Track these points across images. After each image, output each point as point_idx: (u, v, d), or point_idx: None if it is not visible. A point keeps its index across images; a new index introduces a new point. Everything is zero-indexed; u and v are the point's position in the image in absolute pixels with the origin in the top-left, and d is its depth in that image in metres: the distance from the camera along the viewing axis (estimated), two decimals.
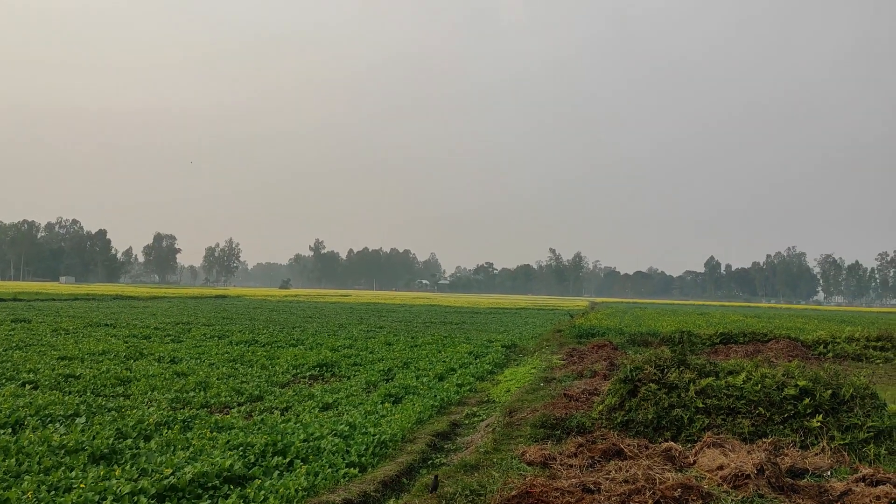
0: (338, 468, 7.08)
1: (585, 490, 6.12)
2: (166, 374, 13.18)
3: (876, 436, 7.99)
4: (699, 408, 8.92)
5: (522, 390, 12.73)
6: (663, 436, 8.62)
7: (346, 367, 15.53)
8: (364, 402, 11.17)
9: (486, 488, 6.29)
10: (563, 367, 15.72)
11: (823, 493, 6.26)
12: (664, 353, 10.44)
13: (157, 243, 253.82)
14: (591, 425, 9.06)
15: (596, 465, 7.35)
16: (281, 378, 13.59)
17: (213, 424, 8.82)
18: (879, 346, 21.11)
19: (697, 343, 22.53)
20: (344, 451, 7.76)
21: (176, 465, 6.62)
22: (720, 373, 9.69)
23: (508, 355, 20.44)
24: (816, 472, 7.25)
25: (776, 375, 9.26)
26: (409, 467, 7.56)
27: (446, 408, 11.56)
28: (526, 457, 7.62)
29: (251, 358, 16.37)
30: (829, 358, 19.87)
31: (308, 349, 18.96)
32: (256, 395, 11.56)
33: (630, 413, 9.08)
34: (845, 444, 7.92)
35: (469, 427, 10.33)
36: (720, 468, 7.03)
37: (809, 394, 8.74)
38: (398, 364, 16.36)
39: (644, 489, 6.10)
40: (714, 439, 8.00)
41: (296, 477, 6.57)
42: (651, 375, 9.53)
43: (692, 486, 6.25)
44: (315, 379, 14.11)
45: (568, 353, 18.62)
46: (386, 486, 6.77)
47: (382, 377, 14.25)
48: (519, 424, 9.45)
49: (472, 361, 17.69)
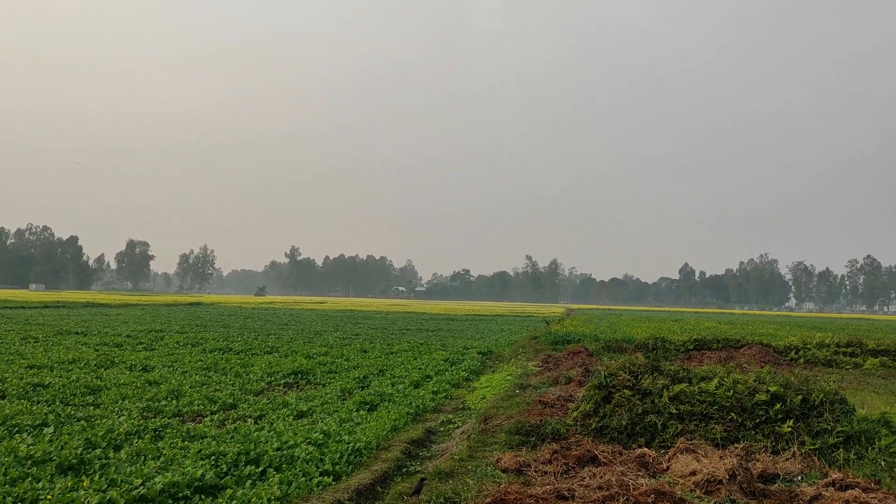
0: (311, 477, 7.01)
1: (560, 497, 6.14)
2: (138, 382, 12.98)
3: (845, 441, 8.10)
4: (672, 414, 8.99)
5: (498, 397, 12.74)
6: (637, 442, 8.67)
7: (321, 375, 15.42)
8: (339, 410, 11.09)
9: (460, 496, 6.27)
10: (539, 374, 15.76)
11: (794, 497, 6.34)
12: (638, 359, 10.51)
13: (129, 250, 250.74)
14: (566, 432, 9.09)
15: (570, 471, 7.37)
16: (255, 386, 13.45)
17: (185, 433, 8.70)
18: (849, 352, 21.45)
19: (671, 349, 22.70)
20: (318, 459, 7.69)
21: (146, 475, 6.52)
22: (693, 379, 9.77)
23: (484, 362, 20.44)
24: (787, 477, 7.33)
25: (748, 381, 9.36)
26: (384, 475, 7.51)
27: (422, 415, 11.52)
28: (501, 464, 7.62)
29: (225, 366, 16.20)
30: (801, 364, 20.13)
31: (283, 357, 18.80)
32: (230, 403, 11.43)
33: (604, 419, 9.12)
34: (815, 448, 8.02)
35: (444, 434, 10.30)
36: (693, 474, 7.10)
37: (780, 399, 8.84)
38: (374, 371, 16.28)
39: (618, 495, 6.13)
40: (687, 445, 8.06)
41: (269, 486, 6.49)
42: (625, 382, 9.59)
43: (665, 492, 6.29)
44: (290, 387, 13.99)
45: (543, 360, 18.67)
46: (360, 495, 6.72)
47: (358, 385, 14.17)
48: (494, 431, 9.45)
49: (448, 368, 17.66)
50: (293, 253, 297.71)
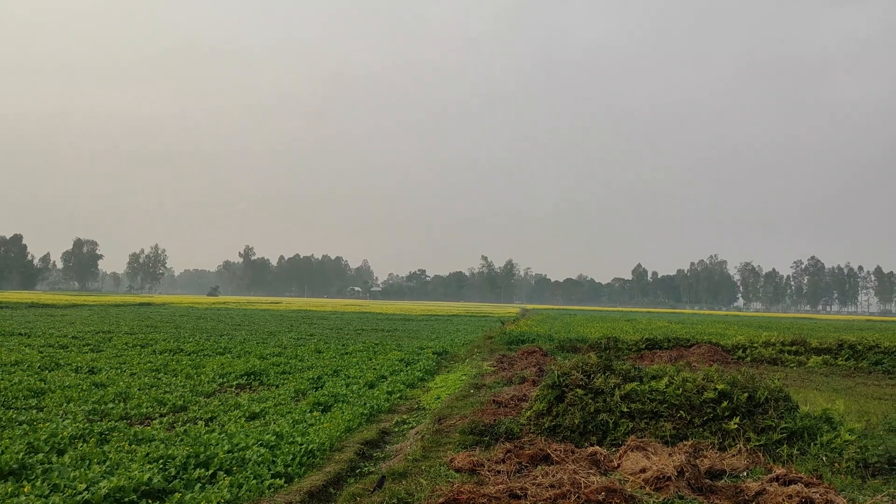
0: (263, 479, 6.92)
1: (512, 496, 6.17)
2: (84, 385, 12.65)
3: (789, 437, 8.33)
4: (624, 412, 9.12)
5: (453, 397, 12.76)
6: (589, 440, 8.78)
7: (274, 376, 15.24)
8: (292, 411, 10.97)
9: (413, 496, 6.26)
10: (494, 374, 15.84)
11: (739, 493, 6.48)
12: (591, 358, 10.64)
13: (77, 249, 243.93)
14: (520, 431, 9.15)
15: (523, 470, 7.42)
16: (206, 387, 13.23)
17: (133, 437, 8.50)
18: (793, 351, 22.06)
19: (624, 349, 23.03)
20: (270, 461, 7.60)
21: (91, 479, 6.35)
22: (644, 378, 9.92)
23: (440, 362, 20.45)
24: (733, 473, 7.51)
25: (697, 380, 9.55)
26: (337, 477, 7.46)
27: (376, 416, 11.48)
28: (454, 463, 7.63)
29: (175, 367, 15.89)
30: (748, 362, 20.63)
31: (236, 357, 18.53)
32: (180, 405, 11.22)
33: (557, 418, 9.21)
34: (760, 445, 8.23)
35: (399, 435, 10.28)
36: (643, 471, 7.21)
37: (727, 397, 9.04)
38: (328, 372, 16.16)
39: (569, 493, 6.19)
40: (637, 443, 8.18)
41: (218, 489, 6.39)
42: (578, 381, 9.70)
43: (616, 489, 6.38)
44: (242, 388, 13.80)
45: (498, 360, 18.77)
46: (312, 497, 6.66)
47: (312, 385, 14.04)
48: (448, 431, 9.46)
49: (403, 369, 17.63)
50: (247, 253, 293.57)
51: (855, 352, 21.31)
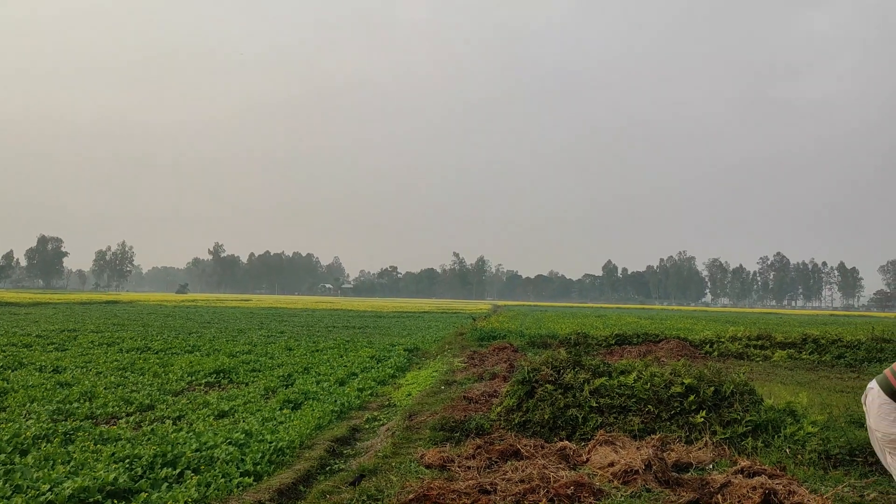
0: (231, 478, 6.86)
1: (482, 491, 6.20)
2: (48, 384, 12.43)
3: (753, 429, 8.48)
4: (593, 407, 9.21)
5: (424, 393, 12.77)
6: (559, 435, 8.84)
7: (244, 374, 15.12)
8: (262, 409, 10.90)
9: (383, 493, 6.26)
10: (465, 370, 15.87)
11: (705, 485, 6.58)
12: (561, 354, 10.72)
13: (41, 246, 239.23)
14: (490, 427, 9.19)
15: (493, 465, 7.45)
16: (174, 386, 13.08)
17: (98, 436, 8.37)
18: (759, 345, 22.44)
19: (593, 344, 23.22)
20: (239, 459, 7.53)
21: (54, 480, 6.24)
22: (613, 373, 10.03)
23: (411, 359, 20.45)
24: (700, 466, 7.62)
25: (664, 374, 9.67)
26: (307, 474, 7.42)
27: (347, 413, 11.45)
28: (425, 460, 7.64)
29: (143, 366, 15.68)
30: (715, 357, 20.93)
31: (205, 355, 18.34)
32: (147, 404, 11.07)
33: (527, 414, 9.26)
34: (726, 438, 8.36)
35: (370, 432, 10.26)
36: (611, 465, 7.29)
37: (694, 391, 9.18)
38: (299, 369, 16.07)
39: (538, 488, 6.23)
40: (606, 437, 8.27)
41: (186, 488, 6.31)
42: (548, 376, 9.76)
43: (584, 484, 6.44)
44: (211, 386, 13.66)
45: (469, 356, 18.82)
46: (282, 495, 6.62)
47: (282, 383, 13.95)
48: (419, 428, 9.47)
49: (375, 366, 17.59)
50: (217, 250, 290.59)
51: (818, 346, 21.75)
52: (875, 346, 20.97)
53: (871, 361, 19.46)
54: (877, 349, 20.68)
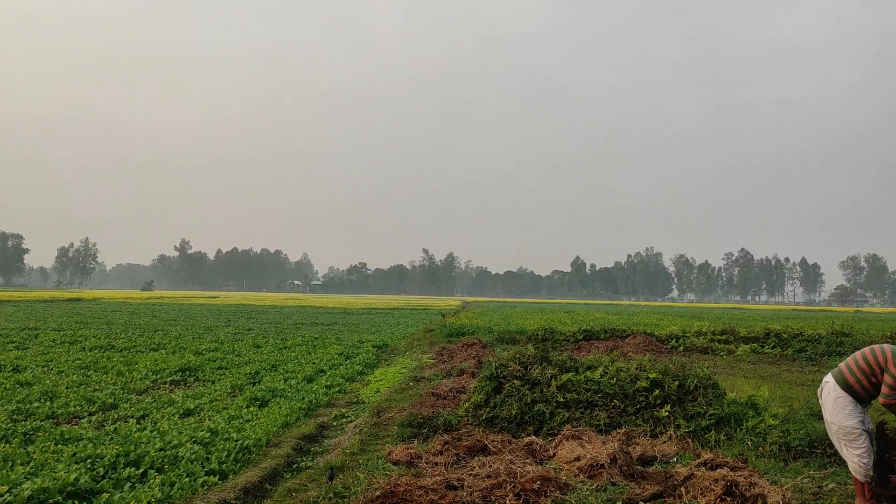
0: (196, 477, 6.78)
1: (449, 487, 6.22)
2: (7, 383, 12.17)
3: (716, 423, 8.62)
4: (560, 402, 9.28)
5: (392, 390, 12.76)
6: (526, 430, 8.90)
7: (210, 371, 14.96)
8: (228, 407, 10.79)
9: (350, 490, 6.24)
10: (433, 366, 15.90)
11: (669, 478, 6.68)
12: (528, 350, 10.78)
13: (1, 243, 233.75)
14: (458, 423, 9.21)
15: (461, 461, 7.48)
16: (139, 385, 12.89)
17: (59, 436, 8.22)
18: (723, 340, 22.80)
19: (561, 340, 23.39)
20: (204, 458, 7.46)
21: (13, 481, 6.10)
22: (580, 368, 10.12)
23: (379, 356, 20.42)
24: (664, 459, 7.73)
25: (630, 369, 9.79)
26: (273, 472, 7.37)
27: (314, 410, 11.39)
28: (392, 456, 7.64)
29: (106, 364, 15.43)
30: (680, 351, 21.21)
31: (170, 353, 18.12)
32: (110, 403, 10.90)
33: (495, 409, 9.30)
34: (690, 431, 8.49)
35: (337, 429, 10.23)
36: (577, 459, 7.36)
37: (659, 385, 9.30)
38: (266, 367, 15.95)
39: (505, 483, 6.27)
40: (573, 432, 8.35)
41: (149, 488, 6.23)
42: (515, 372, 9.82)
43: (551, 478, 6.49)
44: (177, 384, 13.50)
45: (438, 353, 18.85)
46: (247, 493, 6.57)
47: (249, 380, 13.83)
48: (387, 424, 9.46)
49: (343, 362, 17.53)
50: (183, 246, 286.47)
51: (780, 340, 22.17)
52: (835, 340, 21.45)
53: (830, 355, 19.90)
54: (836, 343, 21.15)
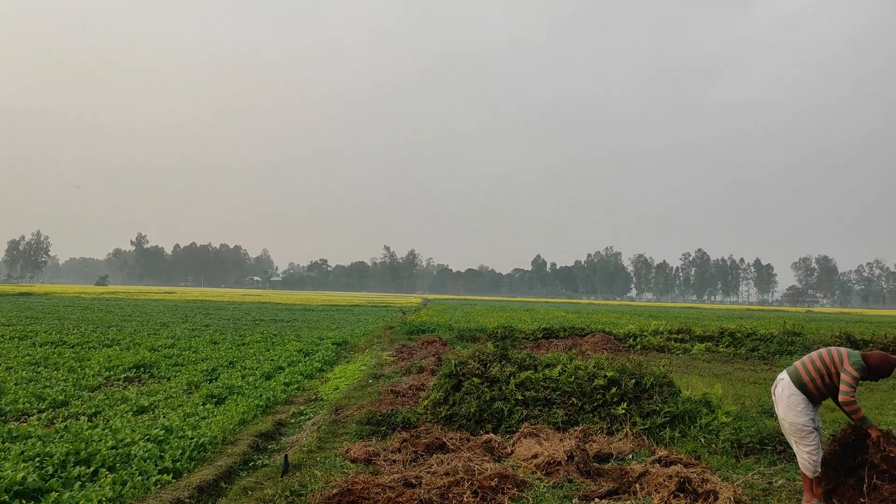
0: (149, 475, 6.66)
1: (407, 484, 6.21)
2: None
3: (671, 420, 8.76)
4: (518, 400, 9.34)
5: (351, 387, 12.70)
6: (485, 428, 8.94)
7: (166, 368, 14.71)
8: (184, 405, 10.62)
9: (307, 488, 6.19)
10: (393, 364, 15.86)
11: (624, 474, 6.78)
12: (488, 348, 10.83)
13: None
14: (417, 420, 9.21)
15: (419, 459, 7.48)
16: (91, 381, 12.60)
17: (7, 434, 7.99)
18: (679, 338, 23.18)
19: (521, 338, 23.53)
20: (157, 456, 7.32)
21: None
22: (539, 366, 10.20)
23: (339, 353, 20.30)
24: (620, 456, 7.84)
25: (588, 367, 9.89)
26: (229, 470, 7.28)
27: (272, 407, 11.28)
28: (350, 454, 7.60)
29: (57, 360, 15.05)
30: (638, 350, 21.51)
31: (124, 349, 17.76)
32: (61, 400, 10.63)
33: (454, 407, 9.32)
34: (645, 428, 8.62)
35: (295, 426, 10.14)
36: (535, 456, 7.41)
37: (616, 383, 9.42)
38: (223, 363, 15.74)
39: (463, 481, 6.29)
40: (531, 429, 8.41)
41: (100, 487, 6.10)
42: (474, 370, 9.85)
43: (508, 475, 6.53)
44: (131, 381, 13.23)
45: (398, 350, 18.81)
46: (202, 492, 6.47)
47: (206, 377, 13.63)
48: (345, 422, 9.41)
49: (302, 359, 17.38)
50: (140, 240, 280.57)
51: (734, 339, 22.64)
52: (786, 340, 22.00)
53: (782, 354, 20.39)
54: (787, 342, 21.70)
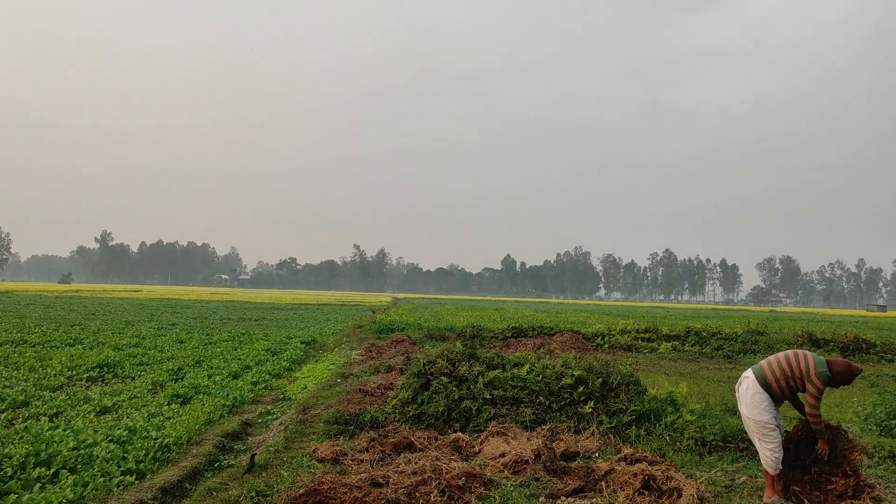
0: (111, 476, 6.55)
1: (374, 484, 6.20)
2: None
3: (637, 419, 8.87)
4: (487, 399, 9.37)
5: (319, 387, 12.63)
6: (453, 427, 8.95)
7: (130, 368, 14.47)
8: (149, 405, 10.47)
9: (273, 488, 6.15)
10: (362, 363, 15.81)
11: (591, 472, 6.84)
12: (457, 347, 10.85)
13: None
14: (385, 420, 9.19)
15: (387, 458, 7.47)
16: (53, 381, 12.36)
17: None
18: (646, 338, 23.46)
19: (490, 337, 23.60)
20: (120, 457, 7.20)
21: None
22: (507, 365, 10.24)
23: (308, 352, 20.17)
24: (587, 455, 7.91)
25: (556, 366, 9.96)
26: (194, 471, 7.19)
27: (239, 407, 11.17)
28: (318, 454, 7.57)
29: (17, 360, 14.73)
30: (605, 349, 21.72)
31: (88, 349, 17.44)
32: (21, 400, 10.41)
33: (422, 406, 9.33)
34: (612, 427, 8.71)
35: (262, 426, 10.05)
36: (502, 455, 7.45)
37: (584, 382, 9.50)
38: (190, 363, 15.54)
39: (430, 480, 6.30)
40: (498, 428, 8.45)
41: (61, 489, 5.98)
42: (443, 369, 9.86)
43: (476, 474, 6.56)
44: (94, 381, 13.00)
45: (367, 349, 18.76)
46: (166, 493, 6.38)
47: (171, 377, 13.45)
48: (313, 421, 9.36)
49: (270, 358, 17.24)
50: (104, 238, 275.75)
51: (700, 338, 22.98)
52: (750, 339, 22.40)
53: (746, 353, 20.75)
54: (751, 341, 22.09)
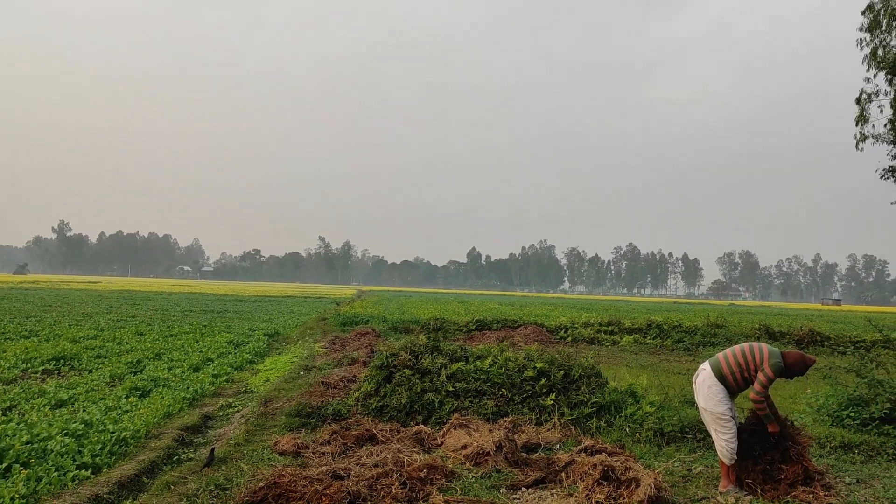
0: (66, 471, 6.43)
1: (335, 477, 6.18)
2: None
3: (598, 410, 8.97)
4: (449, 391, 9.40)
5: (282, 379, 12.54)
6: (415, 419, 8.97)
7: (88, 360, 14.20)
8: (106, 398, 10.28)
9: (232, 482, 6.09)
10: (325, 355, 15.74)
11: (551, 464, 6.91)
12: (420, 339, 10.85)
13: None
14: (347, 412, 9.16)
15: (349, 451, 7.46)
16: (6, 374, 12.07)
17: None
18: (609, 331, 23.75)
19: (454, 330, 23.66)
20: (76, 451, 7.07)
21: None
22: (470, 357, 10.28)
23: (271, 344, 20.02)
24: (548, 446, 7.99)
25: (518, 359, 10.03)
26: (152, 465, 7.09)
27: (200, 400, 11.04)
28: (279, 447, 7.52)
29: None
30: (569, 342, 21.92)
31: (43, 341, 17.07)
32: None
33: (385, 399, 9.32)
34: (573, 419, 8.80)
35: (223, 419, 9.95)
36: (464, 447, 7.48)
37: (546, 375, 9.58)
38: (150, 355, 15.30)
39: (392, 472, 6.29)
40: (461, 420, 8.48)
41: (13, 484, 5.85)
42: (406, 361, 9.86)
43: (437, 466, 6.57)
44: (49, 374, 12.73)
45: (331, 341, 18.68)
46: (122, 487, 6.29)
47: (130, 370, 13.23)
48: (275, 414, 9.30)
49: (232, 351, 17.06)
50: (62, 228, 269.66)
51: (661, 331, 23.32)
52: (709, 332, 22.81)
53: (705, 346, 21.12)
54: (711, 334, 22.50)
